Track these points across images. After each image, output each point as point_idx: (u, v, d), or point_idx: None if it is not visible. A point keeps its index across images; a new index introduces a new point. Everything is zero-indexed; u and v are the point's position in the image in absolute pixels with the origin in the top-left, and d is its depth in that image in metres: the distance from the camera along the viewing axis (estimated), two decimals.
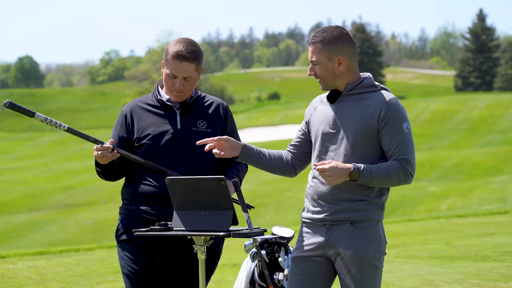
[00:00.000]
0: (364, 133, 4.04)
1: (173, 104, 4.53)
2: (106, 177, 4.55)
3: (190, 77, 4.47)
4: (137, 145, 4.50)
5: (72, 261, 11.31)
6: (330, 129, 4.12)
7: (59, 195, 33.38)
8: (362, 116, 4.05)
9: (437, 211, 24.22)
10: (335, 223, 4.08)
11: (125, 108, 4.61)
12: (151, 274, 4.46)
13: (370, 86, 4.12)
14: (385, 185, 4.04)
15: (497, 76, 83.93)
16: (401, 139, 4.03)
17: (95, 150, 4.36)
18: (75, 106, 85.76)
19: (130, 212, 4.50)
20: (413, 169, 4.05)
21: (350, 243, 4.05)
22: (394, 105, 4.05)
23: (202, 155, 4.48)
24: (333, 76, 4.11)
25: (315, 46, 4.09)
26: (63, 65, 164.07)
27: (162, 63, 4.51)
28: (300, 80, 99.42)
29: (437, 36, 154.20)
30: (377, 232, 4.08)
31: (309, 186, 4.21)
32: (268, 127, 59.77)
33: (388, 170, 4.00)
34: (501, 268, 9.48)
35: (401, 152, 4.03)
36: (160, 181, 4.42)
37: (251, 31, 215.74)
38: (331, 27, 4.13)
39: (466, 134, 49.33)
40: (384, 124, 4.03)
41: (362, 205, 4.06)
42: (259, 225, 4.83)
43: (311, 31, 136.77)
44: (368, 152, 4.06)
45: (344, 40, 4.10)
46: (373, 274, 4.07)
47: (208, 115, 4.58)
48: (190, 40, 4.51)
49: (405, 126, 4.05)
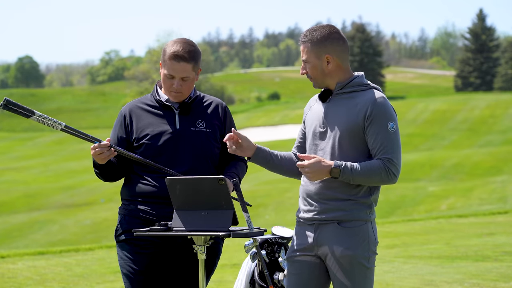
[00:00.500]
0: (351, 132, 4.05)
1: (172, 104, 4.54)
2: (105, 177, 4.55)
3: (187, 77, 4.47)
4: (136, 145, 4.50)
5: (72, 261, 11.31)
6: (320, 128, 4.14)
7: (59, 195, 33.39)
8: (349, 114, 4.06)
9: (437, 211, 24.22)
10: (322, 222, 4.09)
11: (124, 108, 4.61)
12: (151, 274, 4.45)
13: (360, 85, 4.12)
14: (368, 183, 4.04)
15: (497, 76, 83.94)
16: (385, 138, 4.02)
17: (93, 149, 4.36)
18: (75, 106, 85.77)
19: (129, 212, 4.50)
20: (396, 169, 4.03)
21: (337, 242, 4.05)
22: (380, 104, 4.04)
23: (201, 155, 4.49)
24: (323, 75, 4.12)
25: (304, 45, 4.12)
26: (63, 65, 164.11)
27: (160, 63, 4.52)
28: (300, 80, 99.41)
29: (437, 36, 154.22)
30: (366, 232, 4.07)
31: (301, 185, 4.24)
32: (268, 127, 59.78)
33: (370, 169, 3.99)
34: (501, 268, 9.48)
35: (384, 152, 4.02)
36: (159, 181, 4.42)
37: (251, 31, 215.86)
38: (322, 26, 4.15)
39: (466, 134, 49.34)
40: (369, 123, 4.03)
41: (349, 204, 4.06)
42: (259, 225, 4.83)
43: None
44: (354, 151, 4.07)
45: (333, 38, 4.10)
46: (363, 274, 4.06)
47: (207, 115, 4.58)
48: (187, 40, 4.51)
49: (390, 125, 4.04)
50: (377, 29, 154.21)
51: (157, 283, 4.47)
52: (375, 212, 4.16)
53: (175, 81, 4.46)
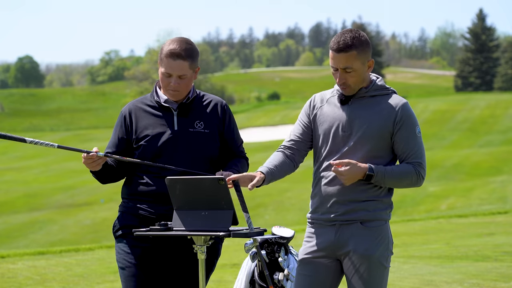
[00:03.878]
0: (378, 136, 4.06)
1: (171, 105, 4.55)
2: (102, 180, 4.59)
3: (185, 75, 4.47)
4: (135, 146, 4.53)
5: (72, 261, 11.32)
6: (343, 131, 4.10)
7: (59, 195, 33.38)
8: (376, 119, 4.07)
9: (437, 211, 24.22)
10: (344, 223, 4.10)
11: (124, 109, 4.63)
12: (144, 267, 4.47)
13: (383, 89, 4.14)
14: (397, 186, 4.09)
15: (497, 76, 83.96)
16: (415, 142, 4.09)
17: (84, 159, 4.36)
18: (75, 106, 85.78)
19: (127, 209, 4.55)
20: (425, 172, 4.13)
21: (359, 242, 4.07)
22: (408, 109, 4.11)
23: (200, 156, 4.50)
24: (361, 81, 4.11)
25: (350, 53, 4.02)
26: (63, 65, 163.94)
27: (158, 62, 4.53)
28: (300, 80, 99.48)
29: (437, 36, 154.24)
30: (386, 232, 4.12)
31: (316, 186, 4.19)
32: (268, 127, 59.79)
33: (402, 172, 4.04)
34: (501, 268, 9.48)
35: (415, 156, 4.09)
36: (156, 180, 4.45)
37: (251, 31, 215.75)
38: (353, 30, 4.07)
39: (466, 134, 49.33)
40: (399, 128, 4.07)
41: (372, 204, 4.09)
42: (259, 225, 4.83)
43: (311, 31, 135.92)
44: (380, 155, 4.09)
45: (368, 43, 4.10)
46: (381, 273, 4.09)
47: (206, 114, 4.58)
48: (184, 39, 4.52)
49: (417, 130, 4.13)
50: (377, 29, 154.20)
51: (150, 278, 4.48)
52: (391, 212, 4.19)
53: (172, 79, 4.47)
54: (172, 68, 4.45)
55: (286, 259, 4.65)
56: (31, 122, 76.18)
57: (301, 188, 29.41)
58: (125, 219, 4.53)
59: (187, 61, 4.46)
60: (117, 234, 4.55)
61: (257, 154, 42.05)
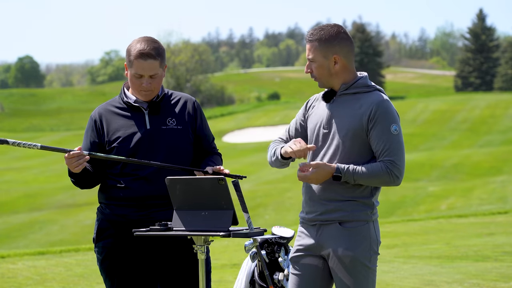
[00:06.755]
0: (354, 134, 4.05)
1: (141, 105, 4.53)
2: (81, 185, 4.57)
3: (156, 75, 4.46)
4: (108, 149, 4.51)
5: (72, 261, 11.31)
6: (323, 129, 4.13)
7: (59, 195, 33.36)
8: (353, 116, 4.06)
9: (437, 211, 24.22)
10: (324, 223, 4.11)
11: (93, 113, 4.61)
12: (123, 271, 4.47)
13: (365, 86, 4.12)
14: (370, 185, 4.06)
15: (497, 76, 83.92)
16: (388, 140, 4.04)
17: (67, 159, 4.33)
18: (75, 106, 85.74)
19: (105, 216, 4.57)
20: (399, 171, 4.05)
21: (338, 243, 4.07)
22: (384, 106, 4.05)
23: (175, 152, 4.50)
24: (329, 75, 4.10)
25: (311, 44, 4.09)
26: (63, 65, 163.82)
27: (125, 64, 4.50)
28: (300, 80, 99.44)
29: (437, 36, 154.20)
30: (367, 232, 4.08)
31: (303, 186, 4.24)
32: (268, 127, 59.74)
33: (371, 171, 4.01)
34: (501, 268, 9.48)
35: (387, 154, 4.04)
36: (133, 183, 4.45)
37: (251, 31, 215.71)
38: (329, 25, 4.11)
39: (466, 134, 49.32)
40: (372, 125, 4.04)
41: (350, 205, 4.07)
42: (259, 225, 4.83)
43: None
44: (357, 153, 4.08)
45: (341, 38, 4.09)
46: (364, 273, 4.08)
47: (178, 111, 4.58)
48: (150, 38, 4.50)
49: (393, 127, 4.05)
50: (377, 29, 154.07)
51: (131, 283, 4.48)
52: (377, 212, 4.16)
53: (144, 79, 4.45)
54: (144, 68, 4.42)
55: (286, 259, 4.65)
56: (31, 122, 76.13)
57: (301, 188, 29.38)
58: (103, 225, 4.55)
59: (158, 60, 4.44)
60: (96, 243, 4.59)
61: (257, 154, 42.06)
